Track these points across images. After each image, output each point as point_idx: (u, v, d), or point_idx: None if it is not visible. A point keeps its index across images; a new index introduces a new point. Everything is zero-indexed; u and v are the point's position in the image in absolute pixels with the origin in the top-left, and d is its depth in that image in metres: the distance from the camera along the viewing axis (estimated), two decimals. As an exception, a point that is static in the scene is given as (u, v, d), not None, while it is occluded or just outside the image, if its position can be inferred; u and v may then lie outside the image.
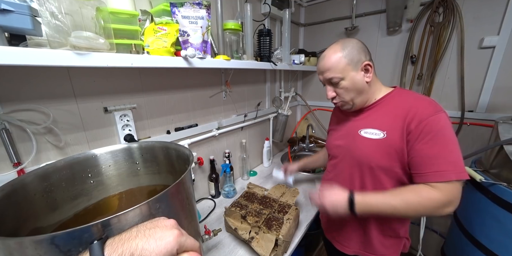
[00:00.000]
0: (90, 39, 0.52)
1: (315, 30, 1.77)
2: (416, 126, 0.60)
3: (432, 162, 0.58)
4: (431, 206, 0.57)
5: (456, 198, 0.57)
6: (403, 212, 0.60)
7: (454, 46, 1.25)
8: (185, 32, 0.75)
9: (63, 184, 0.55)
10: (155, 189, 0.69)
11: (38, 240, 0.30)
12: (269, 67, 1.15)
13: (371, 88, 0.70)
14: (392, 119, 0.65)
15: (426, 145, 0.59)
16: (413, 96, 0.66)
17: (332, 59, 0.66)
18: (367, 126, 0.70)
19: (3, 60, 0.41)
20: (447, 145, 0.58)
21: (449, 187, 0.57)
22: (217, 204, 1.11)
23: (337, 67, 0.66)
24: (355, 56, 0.65)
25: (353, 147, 0.73)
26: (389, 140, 0.64)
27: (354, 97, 0.69)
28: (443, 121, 0.59)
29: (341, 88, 0.68)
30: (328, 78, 0.69)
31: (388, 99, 0.70)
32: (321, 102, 1.85)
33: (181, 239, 0.31)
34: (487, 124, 1.21)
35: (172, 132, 0.93)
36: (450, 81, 1.30)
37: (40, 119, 0.59)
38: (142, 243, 0.29)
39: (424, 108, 0.61)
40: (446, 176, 0.56)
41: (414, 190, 0.60)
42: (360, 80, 0.67)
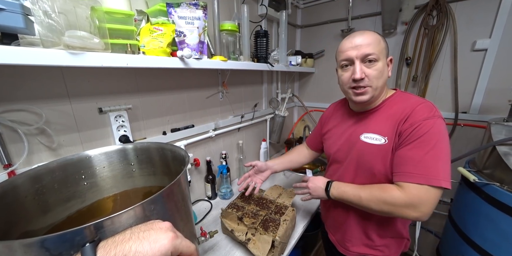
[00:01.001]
0: (84, 38, 0.51)
1: (312, 32, 1.78)
2: (406, 128, 0.60)
3: (408, 162, 0.58)
4: (393, 203, 0.58)
5: (423, 203, 0.55)
6: (366, 204, 0.62)
7: (447, 49, 1.28)
8: (182, 32, 0.75)
9: (55, 186, 0.54)
10: (150, 190, 0.69)
11: (27, 243, 0.29)
12: (266, 69, 1.16)
13: (385, 85, 0.69)
14: (392, 124, 0.64)
15: (409, 146, 0.58)
16: (412, 100, 0.65)
17: (373, 36, 0.61)
18: (368, 130, 0.68)
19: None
20: (431, 150, 0.56)
21: (416, 190, 0.55)
22: (213, 205, 1.10)
23: (377, 46, 0.61)
24: (386, 47, 0.64)
25: (354, 152, 0.71)
26: (390, 146, 0.63)
27: (379, 86, 0.64)
28: (436, 127, 0.57)
29: (375, 69, 0.61)
30: (366, 53, 0.60)
31: (390, 102, 0.68)
32: (318, 104, 1.85)
33: (176, 242, 0.31)
34: (480, 125, 1.23)
35: (168, 132, 0.93)
36: (444, 83, 1.32)
37: (32, 120, 0.58)
38: (135, 245, 0.28)
39: (419, 112, 0.60)
40: (414, 178, 0.56)
41: (382, 186, 0.62)
42: (386, 71, 0.65)
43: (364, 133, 0.68)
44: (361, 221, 0.75)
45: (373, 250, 0.76)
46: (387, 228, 0.73)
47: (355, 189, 0.66)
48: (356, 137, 0.70)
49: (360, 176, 0.71)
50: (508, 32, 1.11)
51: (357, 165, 0.71)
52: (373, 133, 0.66)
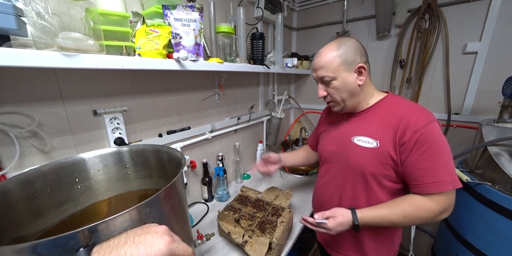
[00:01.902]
0: (78, 40, 0.50)
1: (308, 34, 1.80)
2: (410, 137, 0.60)
3: (430, 173, 0.59)
4: (428, 217, 0.60)
5: (451, 206, 0.60)
6: (401, 224, 0.63)
7: (439, 51, 1.30)
8: (178, 34, 0.75)
9: (48, 190, 0.53)
10: (146, 193, 0.68)
11: (18, 249, 0.29)
12: (262, 70, 1.16)
13: (363, 92, 0.69)
14: (385, 128, 0.64)
15: (422, 156, 0.59)
16: (405, 105, 0.66)
17: (326, 57, 0.65)
18: (360, 133, 0.69)
19: (-15, 61, 0.39)
20: (442, 155, 0.59)
21: (445, 197, 0.59)
22: (210, 208, 1.09)
23: (330, 66, 0.65)
24: (350, 57, 0.64)
25: (346, 154, 0.72)
26: (382, 150, 0.64)
27: (345, 99, 0.68)
28: (436, 131, 0.59)
29: (332, 88, 0.67)
30: (320, 76, 0.68)
31: (381, 106, 0.69)
32: (314, 105, 1.87)
33: (172, 246, 0.31)
34: (472, 126, 1.26)
35: (164, 135, 0.92)
36: (437, 85, 1.35)
37: (24, 122, 0.56)
38: (131, 250, 0.28)
39: (417, 119, 0.61)
40: (444, 187, 0.58)
41: (412, 203, 0.61)
42: (352, 82, 0.66)
43: (356, 136, 0.69)
44: None
45: (360, 254, 0.76)
46: (379, 232, 0.73)
47: (381, 214, 0.63)
48: (348, 139, 0.71)
49: (350, 178, 0.72)
50: (497, 36, 1.14)
51: (348, 166, 0.71)
52: (365, 136, 0.67)
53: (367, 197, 0.70)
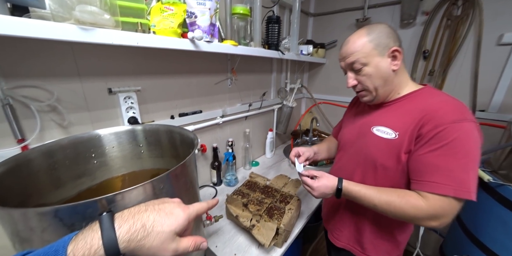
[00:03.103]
0: (95, 14, 0.49)
1: (325, 21, 1.71)
2: (428, 130, 0.53)
3: (435, 171, 0.53)
4: (412, 214, 0.54)
5: (446, 215, 0.52)
6: (381, 210, 0.58)
7: (470, 42, 1.20)
8: (193, 13, 0.72)
9: (67, 163, 0.55)
10: (158, 172, 0.69)
11: (42, 212, 0.30)
12: (276, 56, 1.12)
13: (397, 79, 0.63)
14: (407, 121, 0.59)
15: (433, 152, 0.53)
16: (440, 98, 0.58)
17: (356, 43, 0.61)
18: (381, 123, 0.65)
19: (5, 30, 0.39)
20: (460, 158, 0.51)
21: (440, 201, 0.52)
22: (218, 191, 1.11)
23: (360, 52, 0.60)
24: (382, 41, 0.59)
25: (362, 143, 0.69)
26: (400, 142, 0.59)
27: (378, 86, 0.62)
28: (467, 132, 0.51)
29: (364, 75, 0.62)
30: (349, 62, 0.63)
31: (412, 97, 0.63)
32: (327, 96, 1.81)
33: (189, 211, 0.32)
34: (498, 125, 1.18)
35: (176, 117, 0.92)
36: (462, 79, 1.26)
37: (43, 96, 0.58)
38: (153, 215, 0.29)
39: (446, 112, 0.53)
40: (442, 189, 0.51)
41: (403, 195, 0.56)
42: (386, 67, 0.60)
43: (376, 126, 0.66)
44: (355, 211, 0.73)
45: (358, 246, 0.75)
46: (382, 228, 0.70)
47: (366, 193, 0.60)
48: (368, 128, 0.68)
49: (362, 167, 0.69)
50: (538, 25, 1.04)
51: (361, 156, 0.69)
52: (384, 126, 0.63)
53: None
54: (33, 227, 0.30)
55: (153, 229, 0.27)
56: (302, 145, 1.76)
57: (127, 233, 0.26)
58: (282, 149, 1.69)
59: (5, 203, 0.36)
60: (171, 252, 0.29)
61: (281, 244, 0.78)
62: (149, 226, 0.27)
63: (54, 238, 0.27)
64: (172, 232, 0.29)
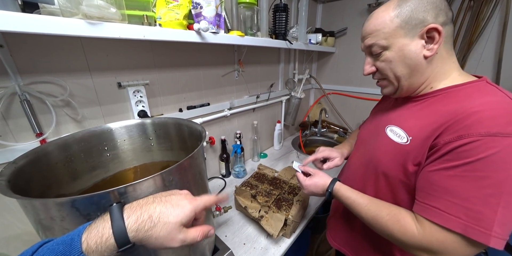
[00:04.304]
0: (101, 7, 0.49)
1: (335, 8, 1.63)
2: (448, 142, 0.40)
3: (439, 194, 0.41)
4: (398, 237, 0.45)
5: (447, 254, 0.40)
6: (368, 224, 0.52)
7: (495, 25, 1.12)
8: (198, 4, 0.71)
9: (82, 155, 0.58)
10: (168, 165, 0.71)
11: (60, 202, 0.32)
12: (284, 46, 1.09)
13: (431, 68, 0.47)
14: (428, 124, 0.46)
15: (448, 171, 0.40)
16: (490, 98, 0.41)
17: (378, 19, 0.48)
18: (397, 123, 0.53)
19: (16, 27, 0.40)
20: (486, 187, 0.36)
21: (440, 235, 0.40)
22: (227, 183, 1.14)
23: (381, 31, 0.47)
24: (416, 15, 0.44)
25: (372, 143, 0.60)
26: (410, 150, 0.47)
27: (402, 76, 0.49)
28: (508, 152, 0.35)
29: (383, 60, 0.49)
30: (367, 45, 0.50)
31: (450, 93, 0.47)
32: (337, 86, 1.76)
33: (196, 203, 0.33)
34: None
35: (185, 110, 0.93)
36: (484, 65, 1.19)
37: (57, 92, 0.60)
38: (160, 207, 0.30)
39: (484, 119, 0.38)
40: (445, 220, 0.39)
41: (394, 213, 0.47)
42: (415, 52, 0.46)
43: (391, 125, 0.54)
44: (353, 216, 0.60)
45: (352, 251, 0.68)
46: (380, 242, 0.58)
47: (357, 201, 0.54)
48: (383, 126, 0.56)
49: (364, 171, 0.60)
50: None
51: (367, 157, 0.60)
52: (399, 127, 0.52)
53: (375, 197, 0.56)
54: (53, 216, 0.32)
55: (160, 220, 0.28)
56: (310, 136, 1.75)
57: (135, 223, 0.27)
58: (290, 141, 1.68)
59: (27, 194, 0.38)
60: (179, 242, 0.30)
61: (289, 235, 0.80)
62: (156, 217, 0.28)
63: (73, 227, 0.29)
64: (178, 223, 0.29)
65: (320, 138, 1.74)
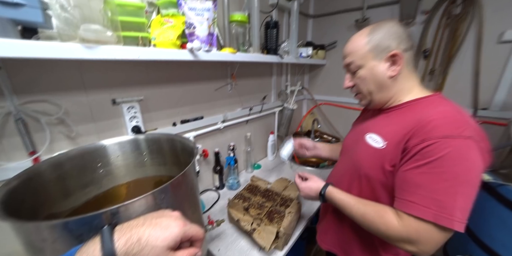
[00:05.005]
0: (98, 32, 0.52)
1: (324, 22, 1.72)
2: (415, 144, 0.48)
3: (415, 190, 0.48)
4: (383, 231, 0.51)
5: (423, 242, 0.46)
6: (359, 222, 0.58)
7: (471, 40, 1.20)
8: (191, 24, 0.75)
9: (75, 173, 0.58)
10: (161, 179, 0.72)
11: (53, 225, 0.33)
12: (275, 61, 1.14)
13: (396, 86, 0.58)
14: (399, 130, 0.54)
15: (417, 169, 0.48)
16: (442, 109, 0.51)
17: (355, 43, 0.59)
18: (374, 130, 0.61)
19: (17, 53, 0.42)
20: (446, 180, 0.45)
21: (416, 224, 0.46)
22: (221, 195, 1.14)
23: (357, 53, 0.58)
24: (382, 43, 0.55)
25: (354, 149, 0.67)
26: (386, 153, 0.55)
27: (373, 91, 0.59)
28: (459, 151, 0.44)
29: (358, 77, 0.60)
30: (346, 63, 0.62)
31: (413, 105, 0.57)
32: (328, 97, 1.82)
33: (185, 228, 0.34)
34: (501, 123, 1.17)
35: (178, 124, 0.95)
36: (464, 77, 1.25)
37: (52, 110, 0.61)
38: (149, 230, 0.31)
39: (439, 125, 0.47)
40: (419, 211, 0.46)
41: (378, 210, 0.54)
42: (382, 72, 0.56)
43: (369, 132, 0.62)
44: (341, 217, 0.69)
45: (342, 252, 0.73)
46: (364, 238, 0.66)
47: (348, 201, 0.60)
48: (363, 134, 0.65)
49: (350, 174, 0.67)
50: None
51: (350, 163, 0.67)
52: (376, 134, 0.60)
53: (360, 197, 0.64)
54: (45, 238, 0.33)
55: (148, 243, 0.29)
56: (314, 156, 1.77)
57: (124, 246, 0.28)
58: (284, 151, 1.70)
59: (18, 215, 0.38)
60: None
61: (281, 247, 0.80)
62: (144, 240, 0.29)
63: (64, 248, 0.30)
64: (165, 247, 0.30)
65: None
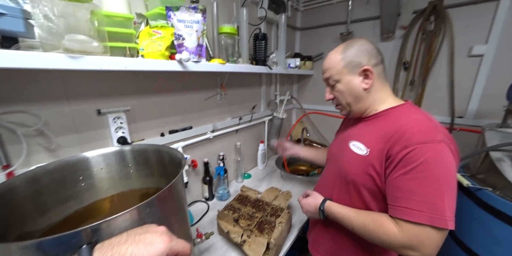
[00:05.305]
0: (83, 42, 0.52)
1: (311, 35, 1.79)
2: (398, 151, 0.52)
3: (405, 196, 0.50)
4: (385, 240, 0.52)
5: (424, 246, 0.48)
6: (360, 234, 0.58)
7: (444, 54, 1.29)
8: (180, 35, 0.75)
9: (53, 187, 0.55)
10: (147, 192, 0.69)
11: (24, 246, 0.30)
12: (264, 71, 1.17)
13: (371, 97, 0.64)
14: (379, 137, 0.59)
15: (404, 176, 0.51)
16: (415, 117, 0.57)
17: (331, 59, 0.65)
18: (357, 138, 0.65)
19: (-6, 63, 0.40)
20: (431, 183, 0.48)
21: (417, 230, 0.48)
22: (210, 206, 1.11)
23: (333, 69, 0.64)
24: (355, 59, 0.61)
25: (339, 157, 0.70)
26: (369, 159, 0.59)
27: (351, 102, 0.65)
28: (435, 153, 0.49)
29: (337, 91, 0.66)
30: (324, 78, 0.68)
31: (389, 113, 0.62)
32: (316, 106, 1.86)
33: (171, 244, 0.32)
34: (476, 130, 1.24)
35: (166, 134, 0.93)
36: (441, 88, 1.34)
37: (31, 121, 0.58)
38: (132, 248, 0.29)
39: (414, 133, 0.52)
40: (416, 217, 0.48)
41: (377, 219, 0.55)
42: (357, 85, 0.62)
43: (352, 140, 0.66)
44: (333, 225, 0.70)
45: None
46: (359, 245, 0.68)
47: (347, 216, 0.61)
48: (347, 142, 0.68)
49: (338, 181, 0.69)
50: (504, 39, 1.12)
51: (337, 170, 0.70)
52: (359, 142, 0.64)
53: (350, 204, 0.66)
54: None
55: None
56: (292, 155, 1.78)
57: None
58: (274, 160, 1.69)
59: (-12, 236, 0.35)
60: None
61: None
62: None
63: (37, 272, 0.27)
64: None
65: (303, 155, 1.78)
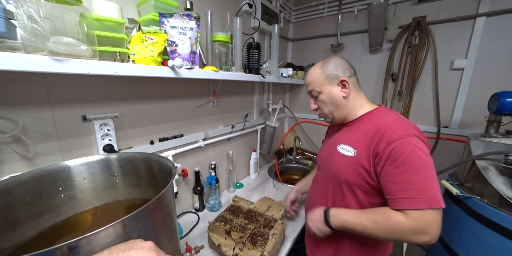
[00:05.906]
0: (70, 45, 0.49)
1: (303, 45, 1.85)
2: (384, 148, 0.59)
3: (403, 187, 0.57)
4: (398, 230, 0.57)
5: (430, 227, 0.55)
6: (372, 232, 0.60)
7: (429, 66, 1.35)
8: (173, 42, 0.75)
9: (28, 199, 0.50)
10: (134, 203, 0.65)
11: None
12: (257, 80, 1.17)
13: (349, 103, 0.72)
14: (363, 138, 0.66)
15: (396, 170, 0.57)
16: (389, 117, 0.66)
17: (312, 74, 0.74)
18: (343, 142, 0.71)
19: (-31, 63, 0.37)
20: (417, 171, 0.56)
21: (421, 215, 0.55)
22: (201, 218, 1.06)
23: (315, 82, 0.73)
24: (332, 72, 0.71)
25: (330, 161, 0.74)
26: (358, 159, 0.65)
27: (333, 110, 0.73)
28: (412, 145, 0.57)
29: (320, 101, 0.74)
30: (308, 91, 0.76)
31: (368, 117, 0.71)
32: (308, 115, 1.89)
33: None
34: (460, 139, 1.29)
35: (156, 142, 0.90)
36: (427, 99, 1.39)
37: (7, 127, 0.54)
38: None
39: (393, 131, 0.60)
40: (417, 204, 0.55)
41: (384, 212, 0.60)
42: (337, 94, 0.71)
43: (340, 144, 0.72)
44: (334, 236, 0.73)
45: None
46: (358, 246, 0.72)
47: (356, 216, 0.64)
48: (334, 146, 0.74)
49: (331, 184, 0.74)
50: (481, 54, 1.20)
51: (330, 173, 0.74)
52: (346, 144, 0.70)
53: (344, 205, 0.71)
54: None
55: None
56: (286, 163, 1.77)
57: None
58: (266, 169, 1.68)
59: None
60: None
61: (266, 274, 0.74)
62: None
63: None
64: None
65: (295, 165, 1.77)
